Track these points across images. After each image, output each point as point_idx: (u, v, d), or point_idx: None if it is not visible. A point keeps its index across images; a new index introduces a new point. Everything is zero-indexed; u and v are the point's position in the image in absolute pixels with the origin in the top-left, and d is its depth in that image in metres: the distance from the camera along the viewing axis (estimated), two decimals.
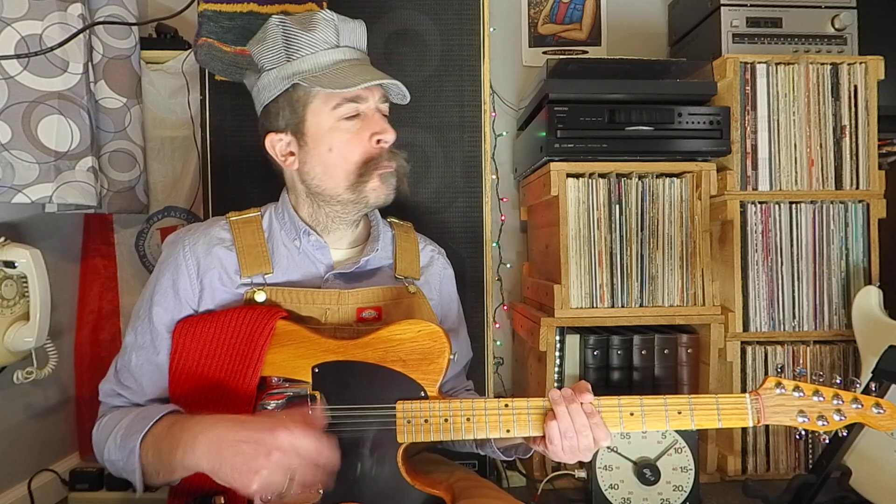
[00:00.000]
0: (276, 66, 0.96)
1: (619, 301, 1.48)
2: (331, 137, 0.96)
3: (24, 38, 1.17)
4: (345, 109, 0.95)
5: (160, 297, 0.95)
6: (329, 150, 0.96)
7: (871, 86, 1.51)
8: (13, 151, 1.16)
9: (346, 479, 0.86)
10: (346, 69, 0.95)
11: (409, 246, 1.11)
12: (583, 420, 0.84)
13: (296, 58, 0.95)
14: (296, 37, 0.95)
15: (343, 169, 0.97)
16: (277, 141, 0.99)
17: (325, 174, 0.97)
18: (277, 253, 1.00)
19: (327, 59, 0.95)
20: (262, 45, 0.97)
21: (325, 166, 0.97)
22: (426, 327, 0.90)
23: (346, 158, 0.96)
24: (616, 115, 1.43)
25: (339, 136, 0.96)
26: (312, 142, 0.97)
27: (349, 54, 0.98)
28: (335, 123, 0.96)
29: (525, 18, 1.93)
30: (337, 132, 0.96)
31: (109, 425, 0.90)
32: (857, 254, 1.51)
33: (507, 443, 0.99)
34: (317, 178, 0.98)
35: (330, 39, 0.96)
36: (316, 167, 0.97)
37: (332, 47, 0.96)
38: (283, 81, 0.96)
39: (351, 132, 0.97)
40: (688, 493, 1.37)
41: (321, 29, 0.95)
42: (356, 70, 0.96)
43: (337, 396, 0.88)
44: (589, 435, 0.84)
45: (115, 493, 1.44)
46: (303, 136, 0.97)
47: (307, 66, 0.94)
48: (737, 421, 0.88)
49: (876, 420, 0.87)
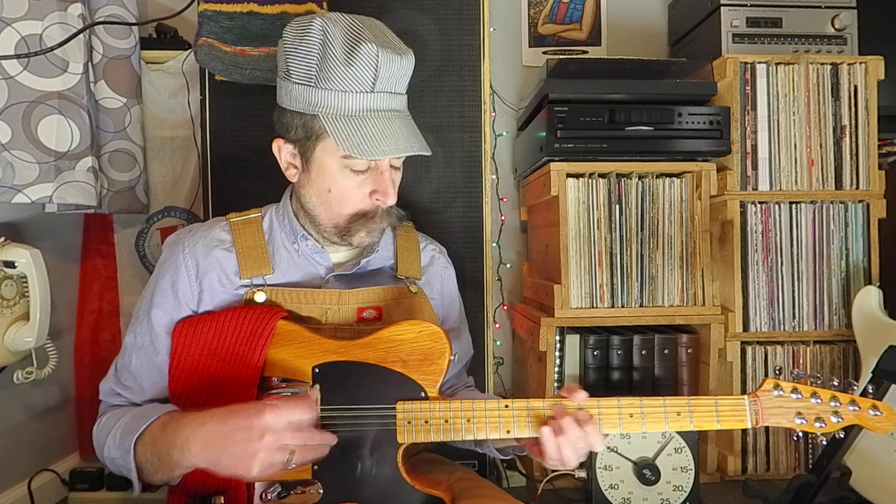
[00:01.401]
0: (302, 82, 0.91)
1: (619, 301, 1.48)
2: (333, 180, 0.94)
3: (24, 38, 1.17)
4: (357, 163, 0.92)
5: (159, 299, 0.95)
6: (328, 191, 0.95)
7: (871, 86, 1.51)
8: (13, 151, 1.16)
9: (346, 480, 0.86)
10: (371, 123, 0.90)
11: (409, 246, 1.11)
12: (577, 433, 0.83)
13: (324, 87, 0.89)
14: (331, 64, 0.88)
15: (336, 211, 0.96)
16: (284, 148, 0.97)
17: (320, 206, 0.97)
18: (278, 254, 1.00)
19: (356, 104, 0.89)
20: (296, 49, 0.90)
21: (321, 199, 0.96)
22: (427, 328, 0.90)
23: (342, 204, 0.95)
24: (616, 115, 1.43)
25: (342, 182, 0.94)
26: (315, 174, 0.95)
27: (381, 103, 0.91)
28: (342, 170, 0.93)
29: (525, 18, 1.92)
30: (341, 178, 0.94)
31: (109, 424, 0.90)
32: (857, 254, 1.51)
33: (504, 443, 0.98)
34: (311, 203, 0.97)
35: (365, 81, 0.89)
36: (313, 196, 0.97)
37: (365, 91, 0.89)
38: (305, 105, 0.91)
39: (355, 182, 0.94)
40: (688, 493, 1.37)
41: (359, 67, 0.87)
42: (383, 129, 0.90)
43: (337, 397, 0.88)
44: (584, 446, 0.84)
45: (115, 493, 1.44)
46: (308, 163, 0.95)
47: (332, 104, 0.89)
48: (735, 422, 0.88)
49: (873, 422, 0.87)
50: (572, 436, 0.83)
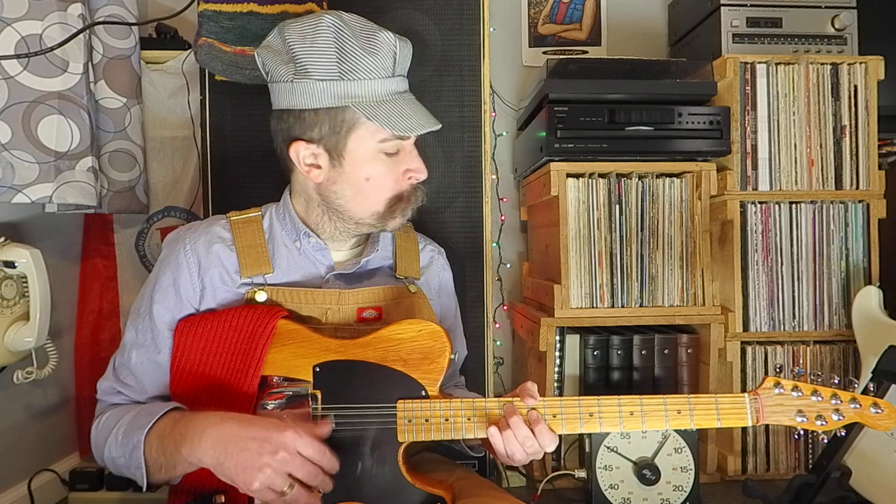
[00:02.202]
0: (326, 78, 0.91)
1: (619, 301, 1.48)
2: (370, 167, 0.95)
3: (24, 38, 1.17)
4: (390, 145, 0.95)
5: (161, 296, 0.95)
6: (366, 180, 0.96)
7: (871, 86, 1.51)
8: (13, 151, 1.16)
9: (346, 479, 0.86)
10: (400, 105, 0.94)
11: (409, 246, 1.11)
12: (524, 432, 0.84)
13: (350, 78, 0.91)
14: (354, 55, 0.90)
15: (374, 199, 0.97)
16: (304, 150, 0.95)
17: (355, 199, 0.97)
18: (278, 253, 1.00)
19: (383, 88, 0.93)
20: (310, 45, 0.91)
21: (357, 191, 0.96)
22: (427, 327, 0.90)
23: (380, 190, 0.97)
24: (616, 115, 1.43)
25: (379, 166, 0.96)
26: (350, 166, 0.95)
27: (401, 85, 0.97)
28: (376, 155, 0.95)
29: (525, 18, 1.93)
30: (377, 163, 0.96)
31: (110, 423, 0.90)
32: (857, 254, 1.52)
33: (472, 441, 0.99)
34: (344, 199, 0.97)
35: (388, 67, 0.93)
36: (346, 190, 0.96)
37: (388, 76, 0.94)
38: (333, 98, 0.91)
39: (389, 164, 0.96)
40: (688, 493, 1.37)
41: (382, 55, 0.92)
42: (410, 108, 0.95)
43: (338, 396, 0.88)
44: (533, 444, 0.84)
45: (115, 493, 1.43)
46: (339, 157, 0.95)
47: (363, 93, 0.92)
48: (736, 421, 0.88)
49: (874, 420, 0.87)
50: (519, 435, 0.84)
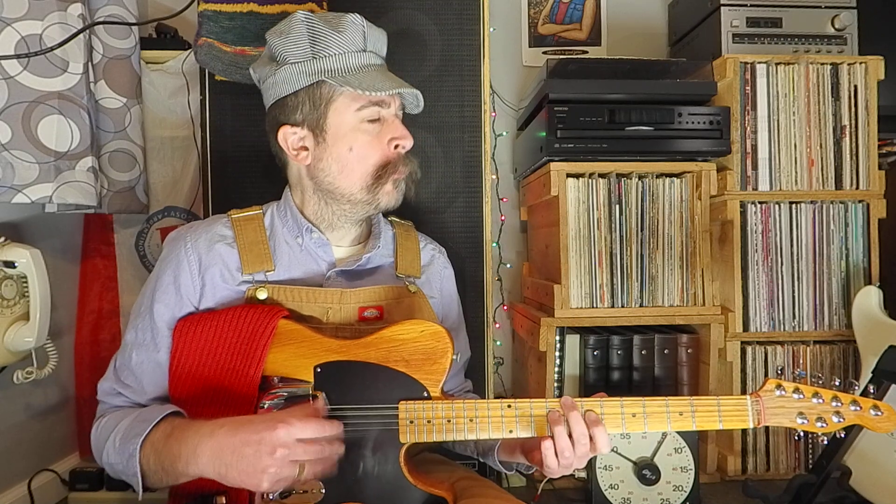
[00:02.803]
0: (300, 60, 0.96)
1: (619, 301, 1.48)
2: (352, 137, 0.97)
3: (24, 38, 1.17)
4: (369, 112, 0.97)
5: (161, 294, 0.94)
6: (349, 150, 0.97)
7: (871, 86, 1.51)
8: (13, 151, 1.16)
9: (348, 479, 0.86)
10: (373, 73, 0.97)
11: (409, 244, 1.11)
12: (581, 429, 0.84)
13: (323, 55, 0.95)
14: (323, 35, 0.95)
15: (360, 170, 0.98)
16: (291, 134, 0.99)
17: (342, 173, 0.98)
18: (279, 250, 1.00)
19: (355, 61, 0.97)
20: (285, 37, 0.97)
21: (343, 165, 0.97)
22: (429, 327, 0.90)
23: (365, 159, 0.98)
24: (616, 115, 1.43)
25: (361, 136, 0.97)
26: (332, 139, 0.97)
27: (374, 59, 1.00)
28: (358, 124, 0.97)
29: (525, 18, 1.93)
30: (359, 133, 0.97)
31: (108, 427, 0.89)
32: (857, 254, 1.52)
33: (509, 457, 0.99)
34: (331, 175, 0.98)
35: (358, 43, 0.97)
36: (332, 165, 0.98)
37: (359, 51, 0.97)
38: (308, 77, 0.96)
39: (372, 134, 0.98)
40: (688, 493, 1.37)
41: (351, 32, 0.96)
42: (383, 76, 0.98)
43: (339, 396, 0.88)
44: (587, 444, 0.84)
45: (115, 493, 1.44)
46: (322, 133, 0.98)
47: (335, 66, 0.96)
48: (737, 422, 0.88)
49: (874, 422, 0.88)
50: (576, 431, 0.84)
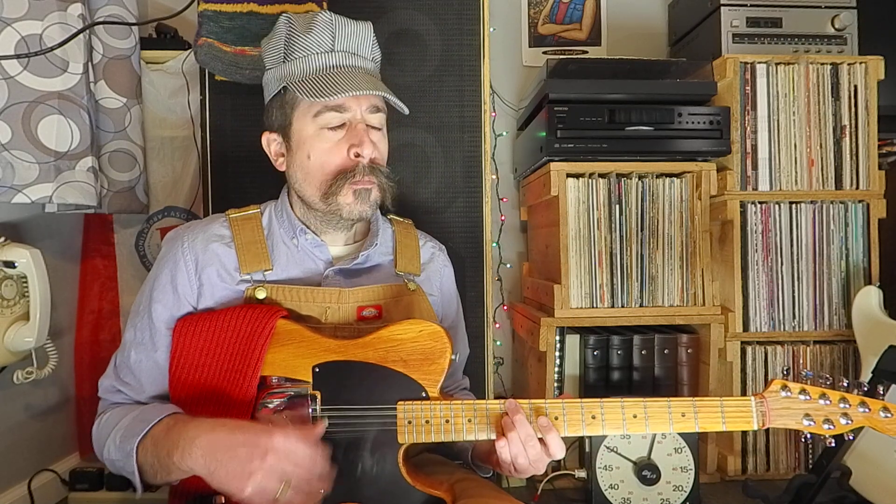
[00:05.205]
0: (274, 66, 0.98)
1: (619, 301, 1.48)
2: (310, 144, 0.96)
3: (24, 38, 1.17)
4: (327, 118, 0.94)
5: (159, 294, 0.95)
6: (308, 158, 0.96)
7: (871, 86, 1.51)
8: (13, 151, 1.16)
9: (346, 480, 0.86)
10: (334, 76, 0.94)
11: (409, 242, 1.11)
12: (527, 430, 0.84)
13: (290, 59, 0.96)
14: (293, 38, 0.95)
15: (318, 178, 0.96)
16: (272, 141, 1.02)
17: (304, 180, 0.98)
18: (277, 250, 1.00)
19: (318, 63, 0.95)
20: (268, 41, 0.99)
21: (304, 172, 0.97)
22: (427, 327, 0.90)
23: (322, 168, 0.96)
24: (616, 115, 1.43)
25: (319, 144, 0.96)
26: (296, 146, 0.98)
27: (343, 60, 0.96)
28: (317, 131, 0.95)
29: (525, 18, 1.93)
30: (317, 140, 0.96)
31: (109, 424, 0.90)
32: (857, 254, 1.52)
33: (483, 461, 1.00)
34: (297, 182, 0.99)
35: (324, 43, 0.95)
36: (297, 172, 0.98)
37: (325, 52, 0.95)
38: (277, 82, 0.97)
39: (332, 142, 0.95)
40: (688, 493, 1.37)
41: (317, 32, 0.95)
42: (344, 79, 0.94)
43: (337, 396, 0.88)
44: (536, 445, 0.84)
45: (115, 493, 1.44)
46: (288, 140, 0.99)
47: (297, 70, 0.95)
48: (741, 424, 0.87)
49: (883, 424, 0.85)
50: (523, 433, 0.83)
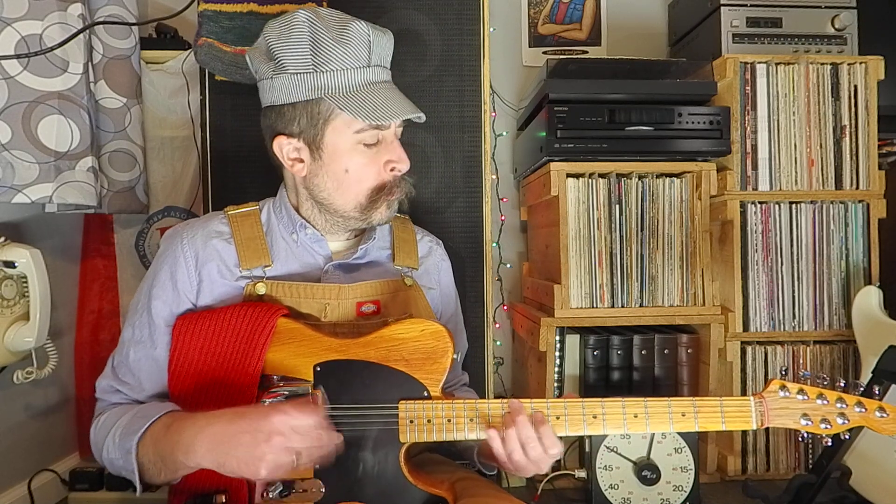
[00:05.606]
0: (300, 71, 0.92)
1: (619, 301, 1.48)
2: (349, 158, 0.95)
3: (24, 38, 1.17)
4: (368, 135, 0.94)
5: (158, 291, 0.94)
6: (345, 171, 0.95)
7: (871, 86, 1.51)
8: (13, 151, 1.16)
9: (348, 479, 0.86)
10: (376, 93, 0.93)
11: (406, 236, 1.11)
12: (528, 432, 0.84)
13: (324, 70, 0.91)
14: (326, 47, 0.91)
15: (355, 191, 0.96)
16: (287, 144, 0.97)
17: (337, 191, 0.97)
18: (276, 246, 1.00)
19: (358, 79, 0.93)
20: (285, 41, 0.92)
21: (338, 183, 0.96)
22: (429, 326, 0.90)
23: (361, 182, 0.96)
24: (616, 115, 1.43)
25: (358, 158, 0.95)
26: (329, 158, 0.95)
27: (378, 75, 0.96)
28: (354, 146, 0.94)
29: (525, 18, 1.93)
30: (356, 154, 0.95)
31: (108, 424, 0.89)
32: (857, 254, 1.52)
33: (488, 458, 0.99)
34: (326, 191, 0.97)
35: (362, 57, 0.93)
36: (328, 182, 0.97)
37: (363, 66, 0.93)
38: (308, 92, 0.92)
39: (369, 156, 0.96)
40: (688, 493, 1.37)
41: (355, 45, 0.92)
42: (387, 96, 0.94)
43: (339, 395, 0.88)
44: (536, 447, 0.84)
45: (115, 493, 1.43)
46: (318, 150, 0.95)
47: (336, 84, 0.92)
48: (741, 423, 0.87)
49: (879, 424, 0.87)
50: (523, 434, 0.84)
